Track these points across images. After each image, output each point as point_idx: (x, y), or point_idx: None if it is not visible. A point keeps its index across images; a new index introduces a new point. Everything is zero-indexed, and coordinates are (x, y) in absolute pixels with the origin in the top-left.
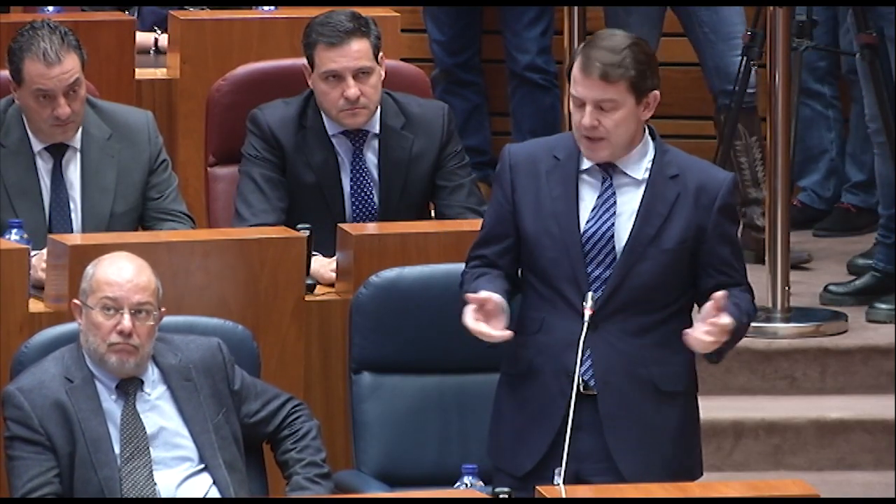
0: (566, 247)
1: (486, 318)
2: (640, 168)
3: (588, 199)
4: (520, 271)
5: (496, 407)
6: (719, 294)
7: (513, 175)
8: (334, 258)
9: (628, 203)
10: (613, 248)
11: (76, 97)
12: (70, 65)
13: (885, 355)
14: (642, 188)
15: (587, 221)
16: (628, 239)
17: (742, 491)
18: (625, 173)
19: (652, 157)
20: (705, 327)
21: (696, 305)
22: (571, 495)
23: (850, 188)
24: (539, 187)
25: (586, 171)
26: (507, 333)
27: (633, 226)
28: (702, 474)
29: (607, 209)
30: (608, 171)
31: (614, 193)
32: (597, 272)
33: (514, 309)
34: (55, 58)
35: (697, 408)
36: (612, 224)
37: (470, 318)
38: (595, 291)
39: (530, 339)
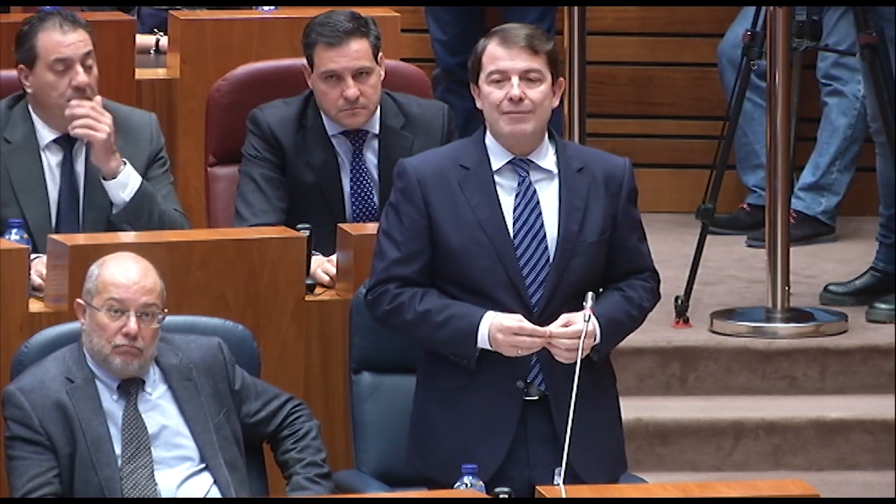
0: (498, 253)
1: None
2: (550, 161)
3: (508, 199)
4: None
5: (426, 422)
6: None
7: (423, 190)
8: (330, 257)
9: (548, 199)
10: (546, 247)
11: (90, 72)
12: (83, 35)
13: (885, 355)
14: (556, 182)
15: (514, 223)
16: (558, 236)
17: (742, 491)
18: (539, 167)
19: (555, 150)
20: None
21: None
22: (571, 495)
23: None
24: (455, 200)
25: (499, 171)
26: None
27: (559, 222)
28: (627, 467)
29: (532, 207)
30: (523, 167)
31: (535, 191)
32: (532, 274)
33: None
34: (70, 27)
35: (619, 401)
36: (542, 223)
37: (511, 318)
38: (534, 293)
39: None
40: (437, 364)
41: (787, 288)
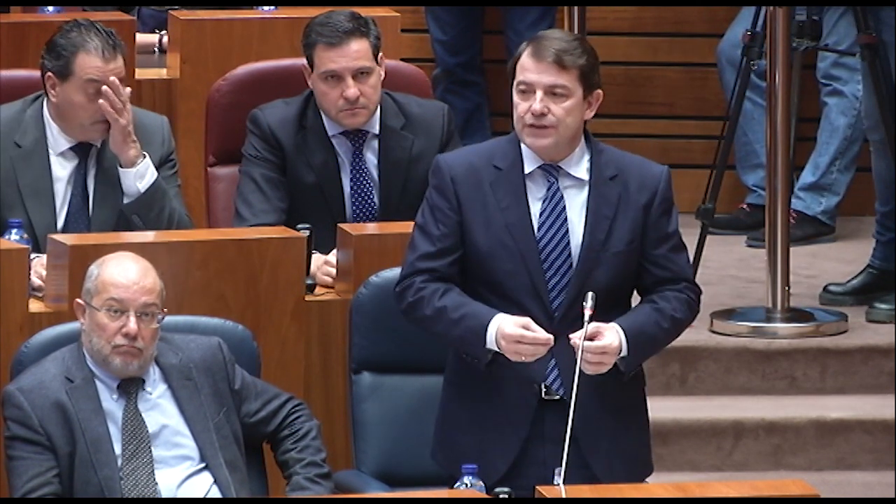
0: (523, 258)
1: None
2: (582, 168)
3: (536, 204)
4: None
5: (448, 416)
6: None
7: (456, 187)
8: (328, 255)
9: (576, 207)
10: (570, 254)
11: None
12: (121, 61)
13: (885, 355)
14: (586, 190)
15: (539, 228)
16: (582, 245)
17: (742, 491)
18: (569, 174)
19: (589, 157)
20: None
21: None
22: (571, 495)
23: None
24: (486, 200)
25: (529, 175)
26: (551, 337)
27: (584, 231)
28: (653, 469)
29: (558, 214)
30: (553, 173)
31: (563, 197)
32: (555, 279)
33: None
34: (112, 54)
35: (647, 403)
36: (567, 230)
37: (514, 325)
38: (555, 299)
39: None
40: (460, 360)
41: (787, 288)
